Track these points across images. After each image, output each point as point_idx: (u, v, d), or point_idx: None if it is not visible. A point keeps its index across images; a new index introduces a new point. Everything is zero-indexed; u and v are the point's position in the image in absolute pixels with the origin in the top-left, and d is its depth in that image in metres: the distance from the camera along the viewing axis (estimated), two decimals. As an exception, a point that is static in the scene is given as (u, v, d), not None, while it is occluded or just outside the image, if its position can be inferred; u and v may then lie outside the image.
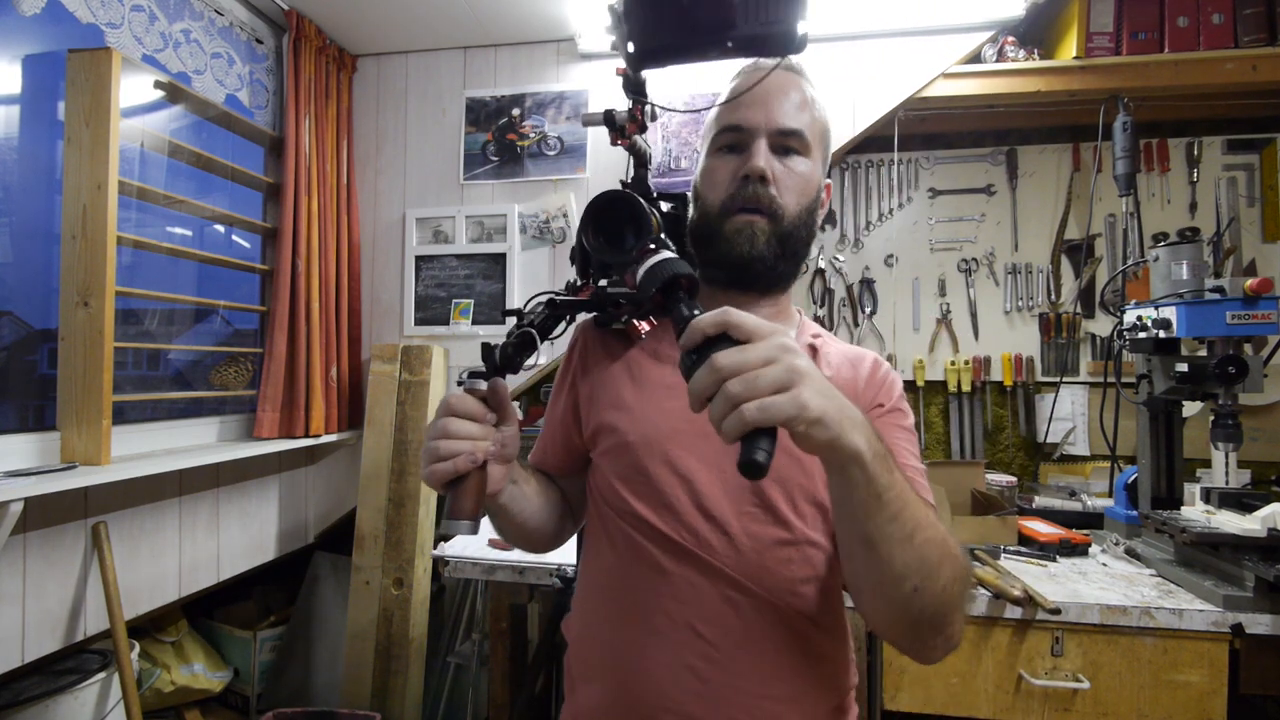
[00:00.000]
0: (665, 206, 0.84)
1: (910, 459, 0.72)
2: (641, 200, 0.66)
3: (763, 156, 0.73)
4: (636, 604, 0.70)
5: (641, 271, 0.58)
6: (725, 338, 0.48)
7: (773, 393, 0.45)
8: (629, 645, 0.70)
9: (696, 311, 0.52)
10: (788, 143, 0.75)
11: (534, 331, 0.68)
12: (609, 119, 0.79)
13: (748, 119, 0.75)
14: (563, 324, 0.75)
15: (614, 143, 0.81)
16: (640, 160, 0.85)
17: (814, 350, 0.78)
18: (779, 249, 0.75)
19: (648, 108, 0.79)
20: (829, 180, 0.82)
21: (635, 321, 0.77)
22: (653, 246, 0.61)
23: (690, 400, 0.48)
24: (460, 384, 0.65)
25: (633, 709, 0.68)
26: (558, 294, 0.74)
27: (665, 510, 0.70)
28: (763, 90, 0.75)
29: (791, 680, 0.68)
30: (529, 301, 0.74)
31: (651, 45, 0.63)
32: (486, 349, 0.67)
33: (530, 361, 0.69)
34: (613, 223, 0.66)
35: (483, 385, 0.64)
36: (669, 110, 0.86)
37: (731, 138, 0.76)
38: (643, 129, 0.81)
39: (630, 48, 0.63)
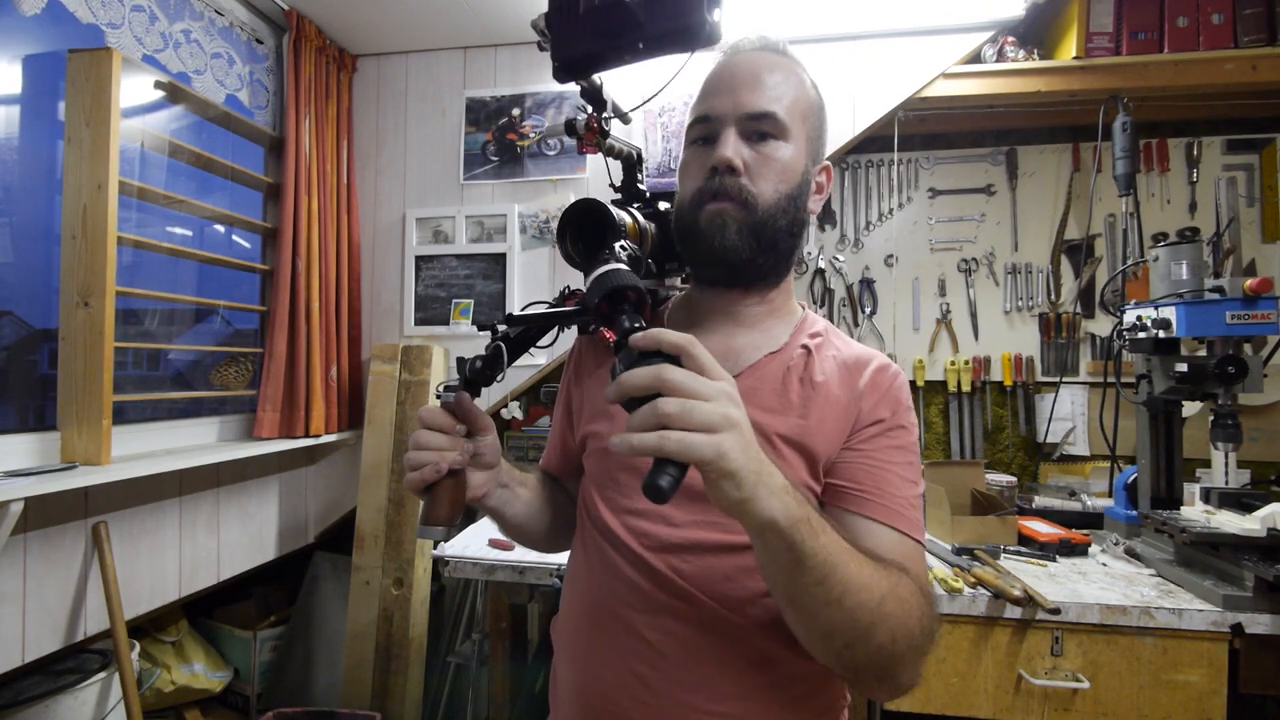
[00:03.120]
0: (663, 206, 0.83)
1: (902, 487, 0.66)
2: (609, 207, 0.65)
3: (730, 146, 0.69)
4: (596, 608, 0.71)
5: (589, 281, 0.58)
6: (678, 361, 0.47)
7: (700, 429, 0.44)
8: (588, 649, 0.71)
9: (638, 325, 0.51)
10: (759, 127, 0.70)
11: (502, 346, 0.69)
12: (570, 128, 0.78)
13: (715, 107, 0.71)
14: (555, 331, 0.75)
15: (580, 151, 0.81)
16: (626, 163, 0.85)
17: (808, 353, 0.72)
18: (754, 240, 0.70)
19: (605, 115, 0.79)
20: (827, 164, 0.77)
21: (604, 330, 0.77)
22: (606, 254, 0.60)
23: (613, 389, 0.47)
24: (438, 396, 0.68)
25: (589, 713, 0.69)
26: (548, 304, 0.75)
27: (628, 515, 0.70)
28: (731, 76, 0.71)
29: (745, 698, 0.65)
30: (524, 308, 0.75)
31: (571, 56, 0.64)
32: (460, 362, 0.69)
33: (500, 376, 0.70)
34: (593, 230, 0.66)
35: (450, 397, 0.67)
36: (622, 115, 0.85)
37: (702, 129, 0.72)
38: (603, 135, 0.80)
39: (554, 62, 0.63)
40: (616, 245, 0.62)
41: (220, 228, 2.08)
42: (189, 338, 2.08)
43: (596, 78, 0.79)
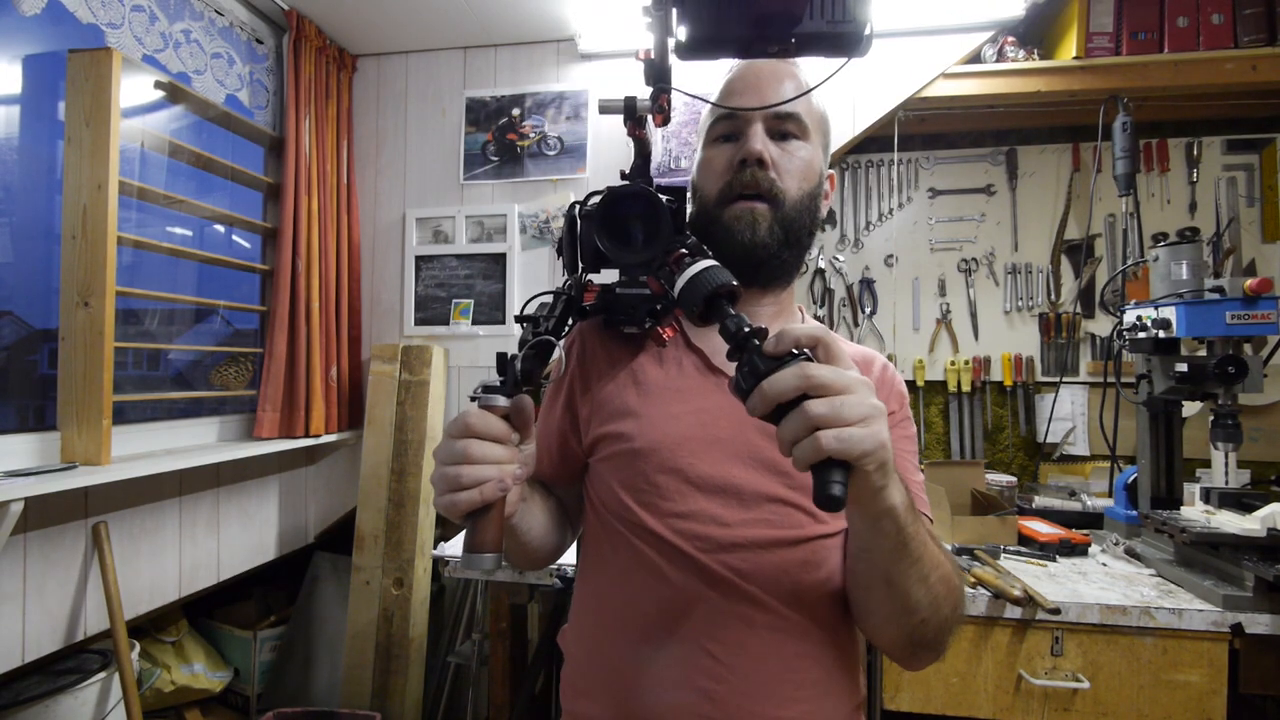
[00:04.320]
0: (664, 199, 0.82)
1: (913, 471, 0.72)
2: (659, 196, 0.62)
3: (759, 140, 0.71)
4: (641, 619, 0.67)
5: (682, 281, 0.54)
6: (807, 358, 0.46)
7: (856, 423, 0.43)
8: (633, 663, 0.67)
9: (748, 326, 0.49)
10: (785, 127, 0.73)
11: (553, 339, 0.63)
12: (630, 107, 0.76)
13: (742, 105, 0.73)
14: (568, 324, 0.71)
15: (631, 133, 0.78)
16: (643, 151, 0.83)
17: None
18: (782, 235, 0.72)
19: (672, 96, 0.74)
20: (831, 172, 0.80)
21: (660, 327, 0.73)
22: (684, 251, 0.57)
23: (755, 402, 0.45)
24: (474, 399, 0.57)
25: None
26: (559, 291, 0.71)
27: (674, 519, 0.67)
28: (755, 77, 0.74)
29: (806, 699, 0.65)
30: (528, 302, 0.71)
31: (707, 34, 0.57)
32: (503, 360, 0.60)
33: (548, 371, 0.64)
34: (620, 218, 0.63)
35: (502, 401, 0.57)
36: (700, 99, 0.82)
37: (727, 126, 0.74)
38: (667, 119, 0.78)
39: (683, 34, 0.56)
40: (691, 239, 0.59)
41: (220, 228, 2.08)
42: (189, 338, 2.08)
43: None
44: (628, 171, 0.80)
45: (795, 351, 0.46)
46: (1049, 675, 1.27)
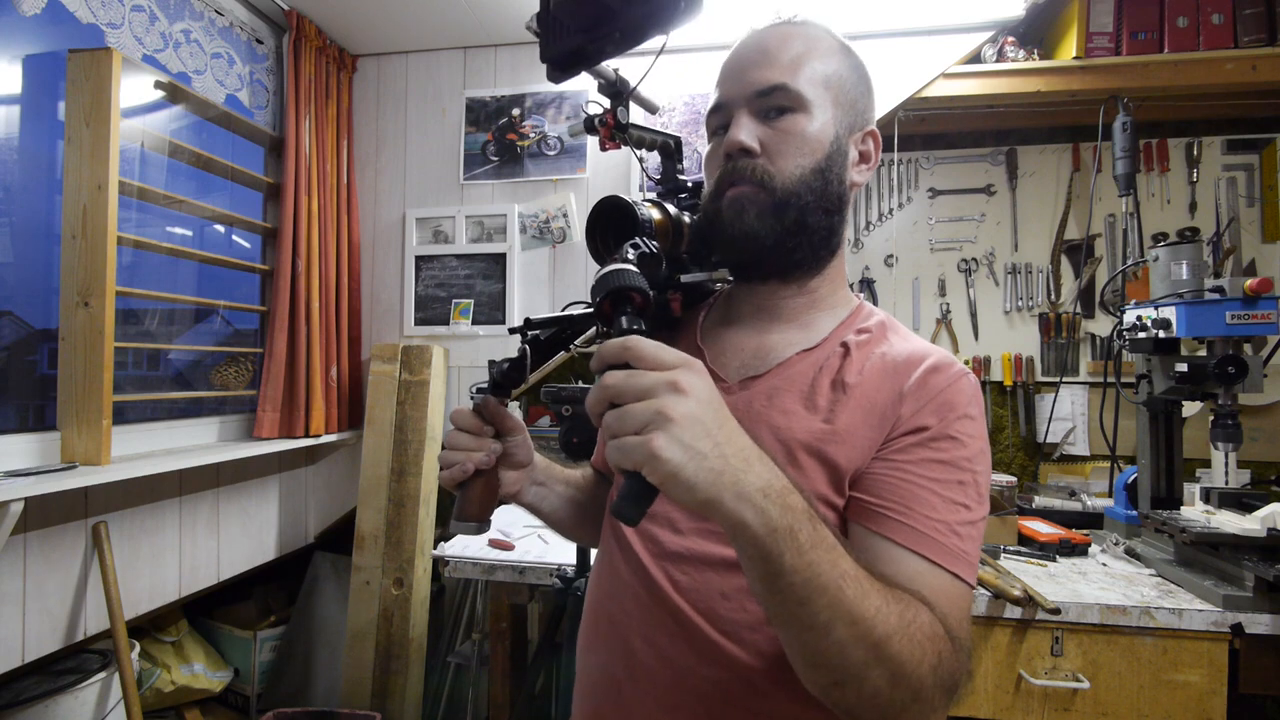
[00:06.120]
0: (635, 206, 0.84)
1: (940, 508, 0.56)
2: (633, 203, 0.64)
3: (742, 129, 0.65)
4: (597, 610, 0.71)
5: (594, 281, 0.56)
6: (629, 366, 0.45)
7: (632, 433, 0.41)
8: (587, 649, 0.72)
9: (636, 326, 0.50)
10: (772, 102, 0.65)
11: (527, 349, 0.70)
12: (589, 126, 0.80)
13: (725, 94, 0.68)
14: (592, 331, 0.75)
15: (603, 148, 0.82)
16: (663, 152, 0.84)
17: (846, 351, 0.65)
18: (776, 222, 0.65)
19: (622, 109, 0.81)
20: (873, 129, 0.70)
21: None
22: (617, 254, 0.58)
23: (590, 417, 0.45)
24: (471, 397, 0.72)
25: (580, 710, 0.71)
26: (586, 304, 0.76)
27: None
28: (738, 58, 0.68)
29: None
30: (566, 307, 0.76)
31: (557, 54, 0.65)
32: (490, 365, 0.71)
33: (531, 379, 0.72)
34: (619, 228, 0.64)
35: (480, 399, 0.70)
36: (648, 106, 0.85)
37: (718, 118, 0.70)
38: (620, 129, 0.80)
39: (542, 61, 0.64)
40: (627, 245, 0.60)
41: (220, 228, 2.08)
42: (189, 338, 2.08)
43: (611, 70, 0.78)
44: (657, 175, 0.84)
45: (612, 363, 0.45)
46: (1049, 675, 1.27)
